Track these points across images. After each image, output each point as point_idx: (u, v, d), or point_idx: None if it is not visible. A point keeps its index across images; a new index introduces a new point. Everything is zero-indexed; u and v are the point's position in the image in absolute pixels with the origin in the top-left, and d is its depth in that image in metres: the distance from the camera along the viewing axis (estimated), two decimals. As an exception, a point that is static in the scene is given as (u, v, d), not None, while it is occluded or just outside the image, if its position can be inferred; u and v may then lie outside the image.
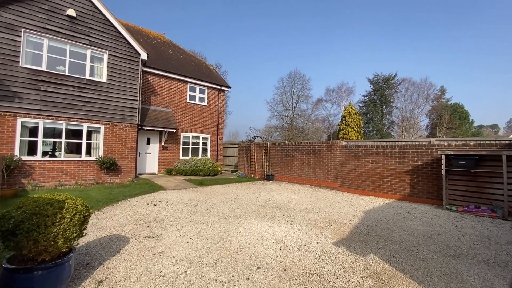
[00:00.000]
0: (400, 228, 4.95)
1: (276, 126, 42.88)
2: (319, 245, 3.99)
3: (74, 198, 2.44)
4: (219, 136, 16.08)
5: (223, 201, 7.11)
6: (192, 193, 8.22)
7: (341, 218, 5.61)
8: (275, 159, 12.19)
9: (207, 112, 15.54)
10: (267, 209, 6.30)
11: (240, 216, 5.52)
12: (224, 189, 9.22)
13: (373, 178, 8.51)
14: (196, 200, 7.14)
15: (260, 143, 13.28)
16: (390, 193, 8.06)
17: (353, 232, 4.69)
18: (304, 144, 10.93)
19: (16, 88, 8.00)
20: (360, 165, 8.88)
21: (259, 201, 7.25)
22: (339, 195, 8.46)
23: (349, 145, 9.31)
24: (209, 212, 5.85)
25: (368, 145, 8.74)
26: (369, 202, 7.41)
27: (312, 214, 5.90)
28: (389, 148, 8.14)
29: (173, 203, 6.67)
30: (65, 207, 2.25)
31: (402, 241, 4.20)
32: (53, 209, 2.17)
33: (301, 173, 10.88)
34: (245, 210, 6.12)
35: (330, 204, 6.99)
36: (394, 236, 4.46)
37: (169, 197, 7.45)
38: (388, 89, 43.78)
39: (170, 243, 3.89)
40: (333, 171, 9.64)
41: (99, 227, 4.57)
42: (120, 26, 10.12)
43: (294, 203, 7.09)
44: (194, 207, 6.30)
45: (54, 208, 2.19)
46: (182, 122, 14.33)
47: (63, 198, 2.35)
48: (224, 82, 16.35)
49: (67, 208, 2.26)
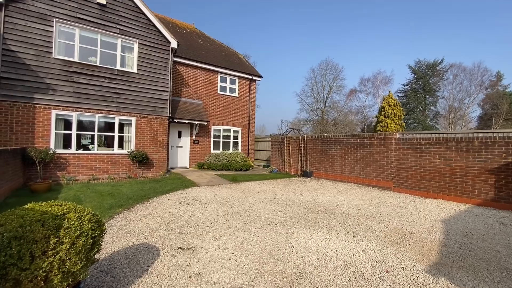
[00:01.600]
0: (508, 248, 3.63)
1: (306, 119, 41.13)
2: (407, 272, 2.90)
3: (79, 210, 1.69)
4: (250, 129, 15.25)
5: (262, 201, 6.23)
6: (226, 190, 7.48)
7: (415, 229, 4.40)
8: (313, 153, 11.02)
9: (238, 103, 14.76)
10: (316, 213, 5.28)
11: (286, 223, 4.58)
12: (259, 186, 8.36)
13: (440, 177, 7.01)
14: (231, 199, 6.35)
15: (295, 137, 12.18)
16: (465, 197, 6.53)
17: (444, 252, 3.50)
18: (349, 137, 9.61)
19: (49, 80, 7.84)
20: (422, 161, 7.40)
21: (303, 202, 6.25)
22: (397, 197, 7.12)
23: (407, 138, 7.84)
24: (249, 215, 5.00)
25: (433, 137, 7.21)
26: (441, 208, 6.01)
27: (375, 222, 4.75)
28: (465, 141, 6.57)
29: (207, 202, 5.95)
30: (63, 225, 1.49)
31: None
32: (45, 229, 1.42)
33: (345, 170, 9.60)
34: (290, 214, 5.17)
35: (392, 209, 5.75)
36: (507, 262, 3.20)
37: (202, 194, 6.77)
38: (432, 77, 39.38)
39: (209, 259, 3.08)
40: (387, 168, 8.24)
41: (127, 231, 3.95)
42: (150, 13, 9.61)
43: (345, 206, 5.97)
44: (231, 208, 5.51)
45: (47, 227, 1.44)
46: (213, 115, 13.72)
47: (63, 211, 1.60)
48: (255, 72, 15.39)
49: (67, 227, 1.51)
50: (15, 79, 7.39)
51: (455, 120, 38.29)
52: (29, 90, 7.57)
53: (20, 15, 7.46)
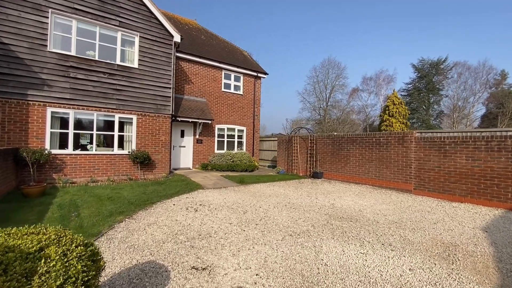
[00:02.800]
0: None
1: (308, 118, 40.59)
2: (475, 301, 2.37)
3: (64, 241, 1.14)
4: (255, 128, 14.70)
5: (276, 206, 5.69)
6: (234, 193, 6.94)
7: (457, 240, 3.87)
8: (324, 153, 10.48)
9: (242, 101, 14.20)
10: (340, 221, 4.74)
11: (310, 233, 4.04)
12: (269, 189, 7.82)
13: (468, 179, 6.47)
14: (242, 203, 5.81)
15: (304, 136, 11.63)
16: (496, 200, 6.00)
17: (502, 269, 2.97)
18: (364, 136, 9.07)
19: (44, 75, 7.29)
20: (447, 162, 6.86)
21: (321, 207, 5.71)
22: (420, 201, 6.59)
23: (428, 137, 7.30)
24: (265, 223, 4.46)
25: (459, 136, 6.67)
26: (472, 213, 5.47)
27: (408, 231, 4.22)
28: (496, 140, 6.03)
29: (216, 207, 5.41)
30: (38, 270, 0.95)
31: None
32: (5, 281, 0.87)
33: (359, 171, 9.06)
34: (311, 222, 4.63)
35: (421, 215, 5.21)
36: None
37: (210, 198, 6.23)
38: (436, 75, 38.77)
39: (230, 284, 2.54)
40: (406, 169, 7.70)
41: (129, 245, 3.40)
42: (152, 5, 9.05)
43: (369, 211, 5.43)
44: (244, 214, 4.97)
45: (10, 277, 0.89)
46: (217, 113, 13.18)
47: (40, 245, 1.03)
48: (260, 68, 14.83)
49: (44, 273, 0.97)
50: (7, 73, 6.83)
51: (459, 119, 37.79)
52: (22, 86, 7.02)
53: (13, 5, 6.90)
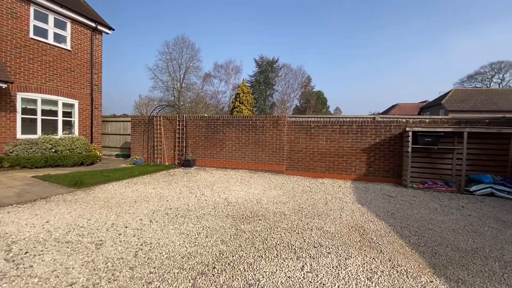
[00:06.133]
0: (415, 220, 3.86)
1: (160, 98, 36.64)
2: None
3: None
4: (96, 104, 10.49)
5: (153, 218, 3.73)
6: (68, 208, 4.07)
7: (356, 221, 3.94)
8: (197, 137, 9.02)
9: (72, 62, 9.53)
10: (248, 223, 3.67)
11: (227, 260, 2.65)
12: (131, 190, 5.44)
13: (326, 158, 7.50)
14: (89, 226, 3.33)
15: (171, 116, 9.51)
16: (344, 174, 7.34)
17: (420, 250, 3.10)
18: (240, 118, 8.48)
19: None
20: (312, 143, 7.63)
21: (215, 207, 4.39)
22: (295, 181, 6.89)
23: (299, 121, 7.82)
24: (148, 262, 2.54)
25: (322, 120, 7.55)
26: (336, 186, 6.26)
27: (319, 220, 3.87)
28: (346, 124, 7.28)
29: (28, 248, 2.66)
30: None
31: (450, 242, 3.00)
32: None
33: (236, 156, 8.47)
34: (217, 235, 3.23)
35: (310, 197, 5.22)
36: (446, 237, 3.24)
37: (10, 228, 3.14)
38: (271, 72, 47.17)
39: None
40: (280, 151, 7.93)
41: None
42: None
43: (266, 201, 4.78)
44: (97, 251, 2.69)
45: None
46: (22, 72, 7.98)
47: None
48: (101, 19, 10.49)
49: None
50: None
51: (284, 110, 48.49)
52: None
53: None
